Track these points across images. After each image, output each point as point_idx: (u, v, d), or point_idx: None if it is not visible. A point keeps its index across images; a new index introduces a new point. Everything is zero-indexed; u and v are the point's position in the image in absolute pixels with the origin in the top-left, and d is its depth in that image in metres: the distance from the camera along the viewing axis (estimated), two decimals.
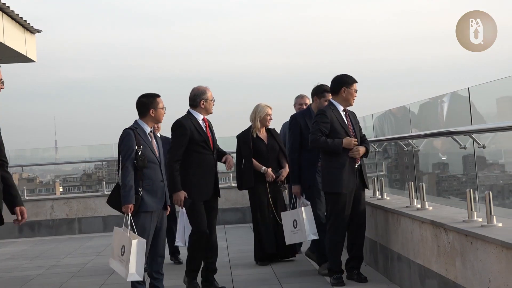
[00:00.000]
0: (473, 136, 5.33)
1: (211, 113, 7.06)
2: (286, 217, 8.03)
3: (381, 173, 9.58)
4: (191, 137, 6.85)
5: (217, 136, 7.21)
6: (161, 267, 6.48)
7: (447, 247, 5.24)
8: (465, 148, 5.73)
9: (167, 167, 6.70)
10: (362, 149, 6.92)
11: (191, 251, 7.02)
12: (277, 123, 9.97)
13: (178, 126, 6.92)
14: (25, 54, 11.18)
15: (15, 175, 17.49)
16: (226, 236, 11.65)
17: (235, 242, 10.75)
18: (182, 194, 6.74)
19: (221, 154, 7.15)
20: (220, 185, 7.22)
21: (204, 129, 6.96)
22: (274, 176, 8.46)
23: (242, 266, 8.53)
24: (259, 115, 8.57)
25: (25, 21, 10.93)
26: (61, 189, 17.74)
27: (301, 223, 7.68)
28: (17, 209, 5.10)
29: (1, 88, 4.89)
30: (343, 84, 6.99)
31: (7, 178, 5.11)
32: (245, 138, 8.55)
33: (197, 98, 6.98)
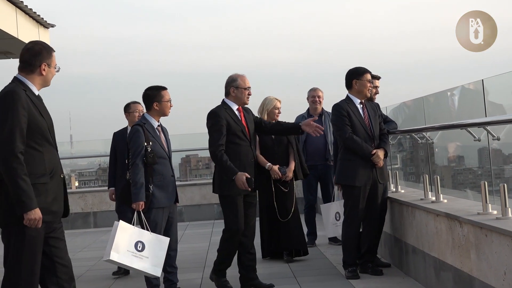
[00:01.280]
0: (488, 128, 5.29)
1: (245, 104, 6.68)
2: (327, 210, 7.91)
3: (396, 166, 9.55)
4: (227, 128, 6.50)
5: None
6: (174, 260, 6.49)
7: (462, 239, 5.21)
8: (479, 140, 5.70)
9: (216, 158, 6.43)
10: (381, 153, 6.88)
11: (223, 249, 6.76)
12: (291, 117, 9.91)
13: (212, 116, 6.56)
14: None
15: None
16: None
17: None
18: (242, 175, 6.29)
19: (289, 127, 6.88)
20: None
21: (240, 118, 6.61)
22: (280, 174, 7.95)
23: (257, 260, 8.51)
24: (267, 108, 8.16)
25: (39, 15, 10.94)
26: (76, 184, 17.77)
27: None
28: None
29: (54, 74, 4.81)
30: (353, 76, 6.96)
31: None
32: None
33: (228, 86, 6.64)
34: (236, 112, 6.62)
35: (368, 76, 6.96)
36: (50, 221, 4.61)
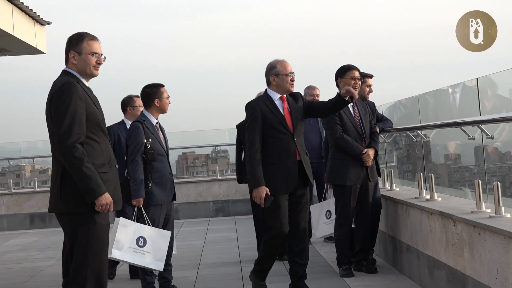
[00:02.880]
0: (482, 126, 5.30)
1: (289, 91, 6.13)
2: (316, 210, 7.89)
3: (391, 164, 9.54)
4: (263, 120, 6.00)
5: (226, 128, 6.72)
6: (170, 258, 6.49)
7: (456, 238, 5.21)
8: (473, 139, 5.70)
9: (247, 158, 6.05)
10: (371, 153, 6.87)
11: (263, 250, 6.25)
12: None
13: (247, 109, 6.14)
14: (35, 46, 11.18)
15: (27, 167, 17.53)
16: (237, 227, 11.71)
17: (245, 233, 10.76)
18: (263, 190, 5.89)
19: (334, 102, 6.08)
20: (230, 176, 6.95)
21: (281, 109, 6.09)
22: None
23: (252, 258, 8.51)
24: None
25: (35, 12, 10.92)
26: None
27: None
28: None
29: (99, 63, 4.66)
30: (338, 75, 6.96)
31: None
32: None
33: (267, 74, 6.17)
34: (277, 102, 6.11)
35: (353, 73, 6.87)
36: (113, 210, 4.62)
